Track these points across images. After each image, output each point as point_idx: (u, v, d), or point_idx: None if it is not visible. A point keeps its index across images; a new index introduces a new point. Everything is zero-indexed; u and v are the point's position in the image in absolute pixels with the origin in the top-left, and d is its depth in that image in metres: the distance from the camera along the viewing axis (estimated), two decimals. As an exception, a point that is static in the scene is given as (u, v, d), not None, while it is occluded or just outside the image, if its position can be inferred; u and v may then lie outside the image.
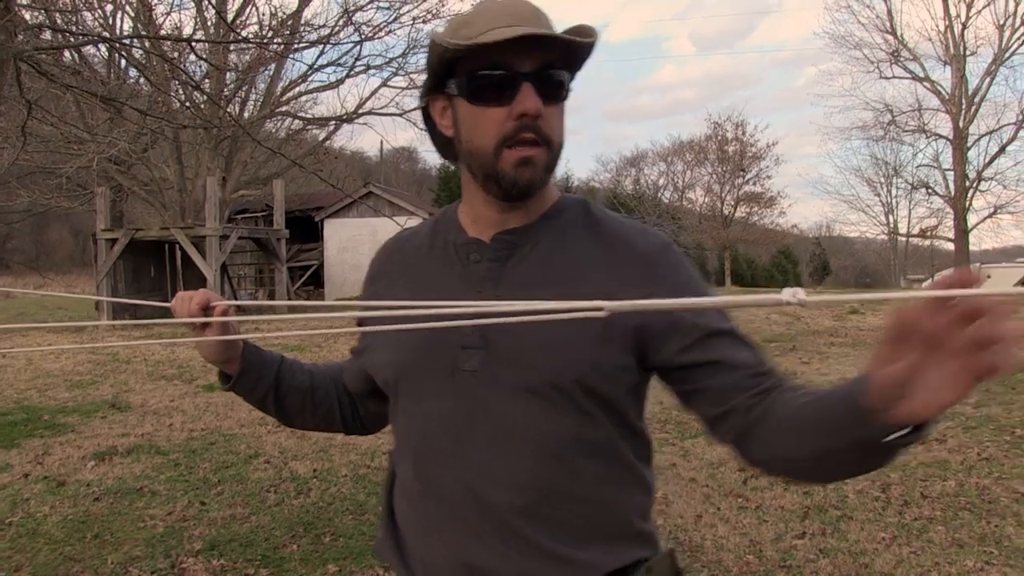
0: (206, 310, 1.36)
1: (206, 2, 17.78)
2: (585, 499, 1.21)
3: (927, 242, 39.47)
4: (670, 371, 1.23)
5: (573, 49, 1.20)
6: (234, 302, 1.37)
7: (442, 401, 1.23)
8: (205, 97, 12.75)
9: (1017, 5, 30.36)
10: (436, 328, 1.19)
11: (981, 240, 34.64)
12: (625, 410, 1.25)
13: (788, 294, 0.78)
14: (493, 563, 1.19)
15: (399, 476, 1.34)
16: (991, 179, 32.40)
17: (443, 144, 1.33)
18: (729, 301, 0.82)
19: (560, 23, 1.25)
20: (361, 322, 1.48)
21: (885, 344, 0.83)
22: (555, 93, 1.21)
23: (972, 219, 32.46)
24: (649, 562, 1.24)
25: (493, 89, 1.18)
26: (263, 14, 18.65)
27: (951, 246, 33.46)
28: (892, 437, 0.91)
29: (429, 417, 1.25)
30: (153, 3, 14.78)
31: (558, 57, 1.19)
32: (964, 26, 31.43)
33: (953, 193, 32.30)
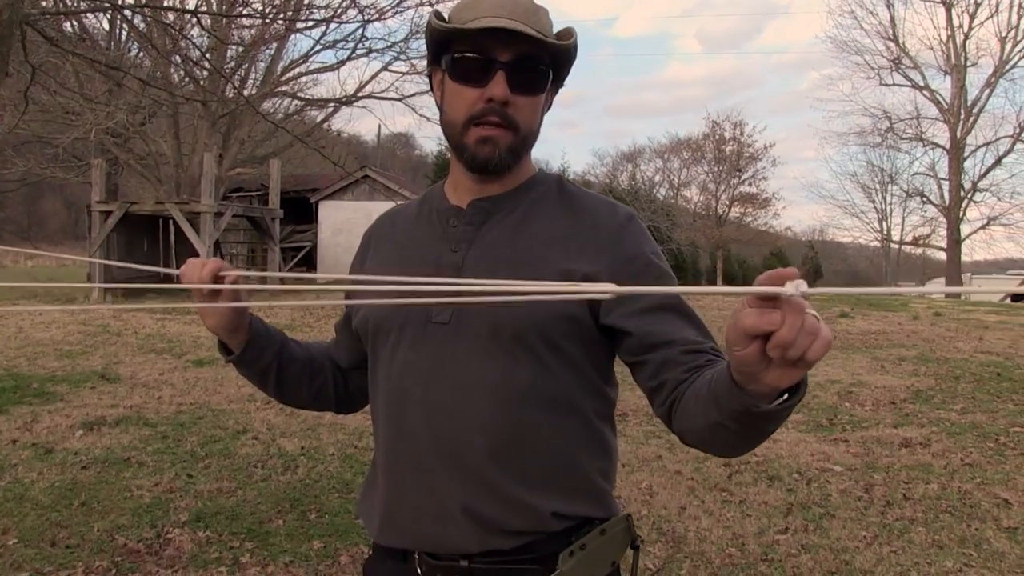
0: (217, 279, 1.37)
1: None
2: (544, 449, 1.29)
3: (919, 250, 39.72)
4: (615, 335, 1.31)
5: (554, 48, 1.31)
6: (245, 272, 1.38)
7: (415, 350, 1.32)
8: (206, 72, 12.71)
9: (1020, 18, 30.48)
10: (418, 288, 1.28)
11: (973, 251, 34.85)
12: (586, 366, 1.33)
13: (791, 286, 0.78)
14: (450, 500, 1.28)
15: (377, 426, 1.43)
16: (986, 190, 32.61)
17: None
18: (728, 291, 0.82)
19: (568, 16, 1.31)
20: (349, 295, 1.54)
21: (733, 332, 0.88)
22: (528, 84, 1.31)
23: (965, 229, 32.69)
24: (604, 524, 1.33)
25: (471, 71, 1.30)
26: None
27: (943, 255, 33.66)
28: (759, 408, 0.97)
29: (403, 365, 1.34)
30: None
31: (539, 53, 1.30)
32: (966, 37, 31.59)
33: (947, 203, 32.45)
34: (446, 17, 1.34)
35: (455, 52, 1.31)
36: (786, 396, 0.97)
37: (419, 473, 1.31)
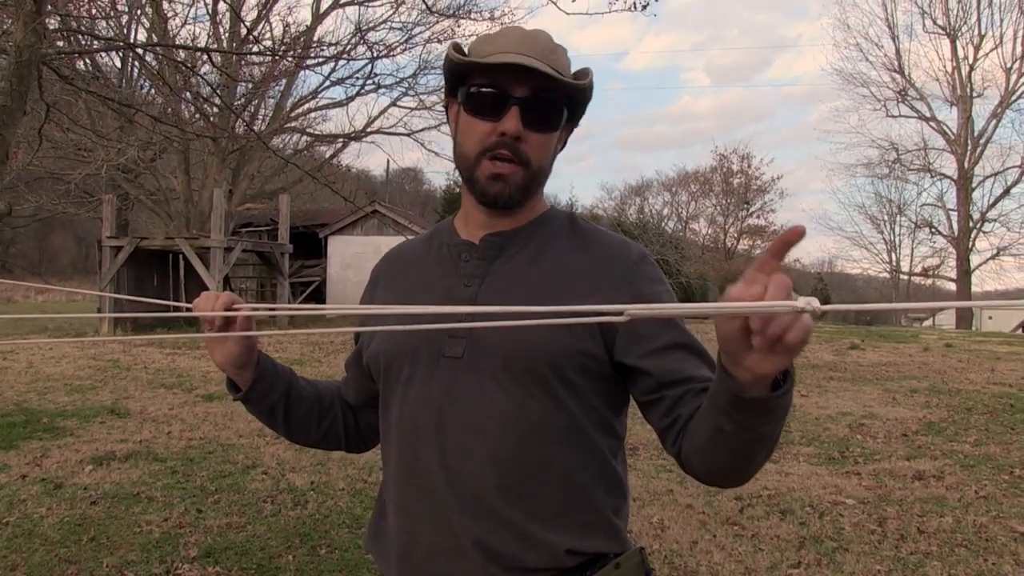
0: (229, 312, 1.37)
1: (220, 17, 17.94)
2: (556, 484, 1.28)
3: (929, 281, 39.56)
4: (629, 373, 1.30)
5: (569, 87, 1.31)
6: (257, 306, 1.38)
7: (427, 386, 1.31)
8: (216, 109, 12.84)
9: (1024, 49, 30.59)
10: (431, 319, 1.29)
11: (983, 281, 34.69)
12: (597, 402, 1.32)
13: (803, 302, 0.79)
14: (464, 537, 1.26)
15: (388, 462, 1.41)
16: (995, 221, 32.56)
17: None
18: (742, 307, 0.83)
19: (578, 51, 1.33)
20: (362, 324, 1.53)
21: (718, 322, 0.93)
22: (542, 121, 1.31)
23: (975, 260, 32.60)
24: (618, 558, 1.30)
25: (486, 104, 1.31)
26: (277, 31, 18.76)
27: (953, 286, 33.54)
28: (749, 394, 0.99)
29: (416, 400, 1.33)
30: (168, 15, 14.93)
31: (554, 91, 1.30)
32: (971, 68, 31.74)
33: (956, 233, 32.41)
34: (465, 51, 1.35)
35: (471, 85, 1.32)
36: (775, 392, 0.99)
37: (433, 510, 1.29)
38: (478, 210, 1.39)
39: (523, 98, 1.29)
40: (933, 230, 34.96)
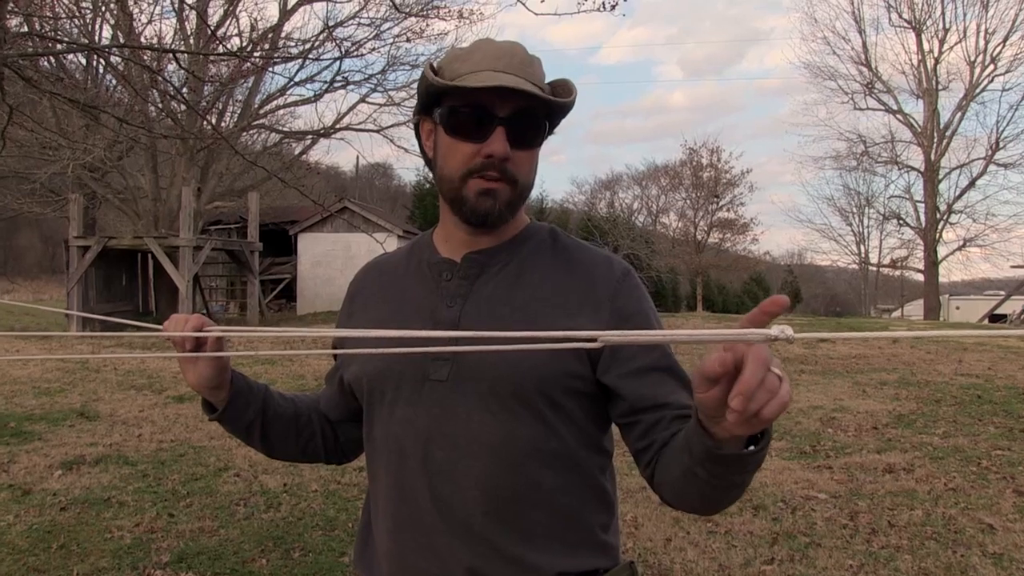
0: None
1: (187, 14, 17.76)
2: (545, 507, 1.27)
3: (897, 273, 40.02)
4: (610, 394, 1.29)
5: (554, 104, 1.30)
6: (228, 328, 1.36)
7: (412, 409, 1.30)
8: (183, 108, 12.70)
9: (987, 43, 31.04)
10: (412, 342, 1.27)
11: (950, 272, 35.13)
12: (585, 422, 1.31)
13: (777, 330, 0.78)
14: (453, 563, 1.26)
15: (373, 484, 1.40)
16: (961, 212, 32.96)
17: (428, 160, 1.41)
18: (715, 335, 0.82)
19: (553, 48, 1.30)
20: (336, 345, 1.52)
21: (696, 374, 0.90)
22: (527, 139, 1.30)
23: (942, 251, 32.99)
24: (607, 574, 1.31)
25: (469, 126, 1.28)
26: (244, 26, 18.61)
27: (921, 277, 33.94)
28: (724, 451, 0.99)
29: (400, 423, 1.32)
30: (134, 13, 14.74)
31: (537, 107, 1.28)
32: (937, 61, 32.10)
33: (924, 225, 32.78)
34: (436, 68, 1.31)
35: (451, 105, 1.29)
36: (751, 447, 0.99)
37: (422, 536, 1.29)
38: (459, 228, 1.37)
39: (507, 117, 1.26)
40: (901, 222, 35.36)
